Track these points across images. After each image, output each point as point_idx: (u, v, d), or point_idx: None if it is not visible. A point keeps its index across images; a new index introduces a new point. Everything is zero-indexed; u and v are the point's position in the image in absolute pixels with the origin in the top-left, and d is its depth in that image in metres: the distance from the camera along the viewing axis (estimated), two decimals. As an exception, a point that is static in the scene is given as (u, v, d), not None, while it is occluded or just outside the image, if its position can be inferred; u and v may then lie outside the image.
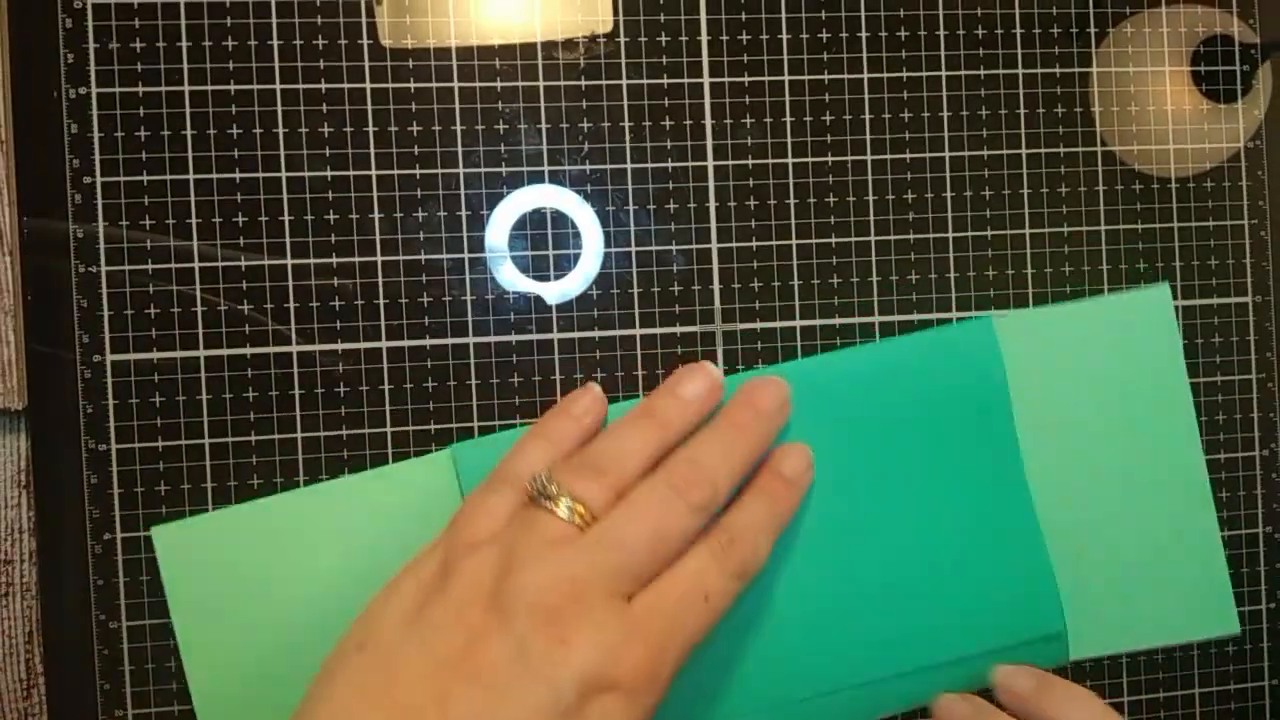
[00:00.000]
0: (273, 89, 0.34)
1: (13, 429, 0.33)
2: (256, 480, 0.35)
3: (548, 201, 0.36)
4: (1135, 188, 0.38)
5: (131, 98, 0.34)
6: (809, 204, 0.37)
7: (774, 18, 0.36)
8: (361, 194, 0.35)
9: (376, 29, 0.35)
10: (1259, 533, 0.39)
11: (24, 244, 0.34)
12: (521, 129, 0.35)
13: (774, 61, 0.36)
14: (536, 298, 0.36)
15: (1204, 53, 0.38)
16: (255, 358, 0.35)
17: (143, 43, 0.34)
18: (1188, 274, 0.38)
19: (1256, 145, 0.39)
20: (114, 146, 0.34)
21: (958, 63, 0.37)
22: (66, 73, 0.34)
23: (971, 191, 0.38)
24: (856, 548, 0.34)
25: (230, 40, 0.34)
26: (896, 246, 0.37)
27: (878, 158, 0.37)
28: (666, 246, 0.36)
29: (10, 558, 0.33)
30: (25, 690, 0.33)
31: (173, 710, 0.34)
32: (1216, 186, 0.39)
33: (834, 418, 0.34)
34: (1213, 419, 0.38)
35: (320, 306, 0.35)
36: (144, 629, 0.34)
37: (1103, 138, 0.38)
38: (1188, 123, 0.38)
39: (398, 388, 0.35)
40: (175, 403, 0.35)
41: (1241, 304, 0.39)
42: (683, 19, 0.36)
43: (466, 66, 0.35)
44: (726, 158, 0.37)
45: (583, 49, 0.36)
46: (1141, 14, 0.38)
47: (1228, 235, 0.39)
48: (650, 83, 0.36)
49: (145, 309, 0.34)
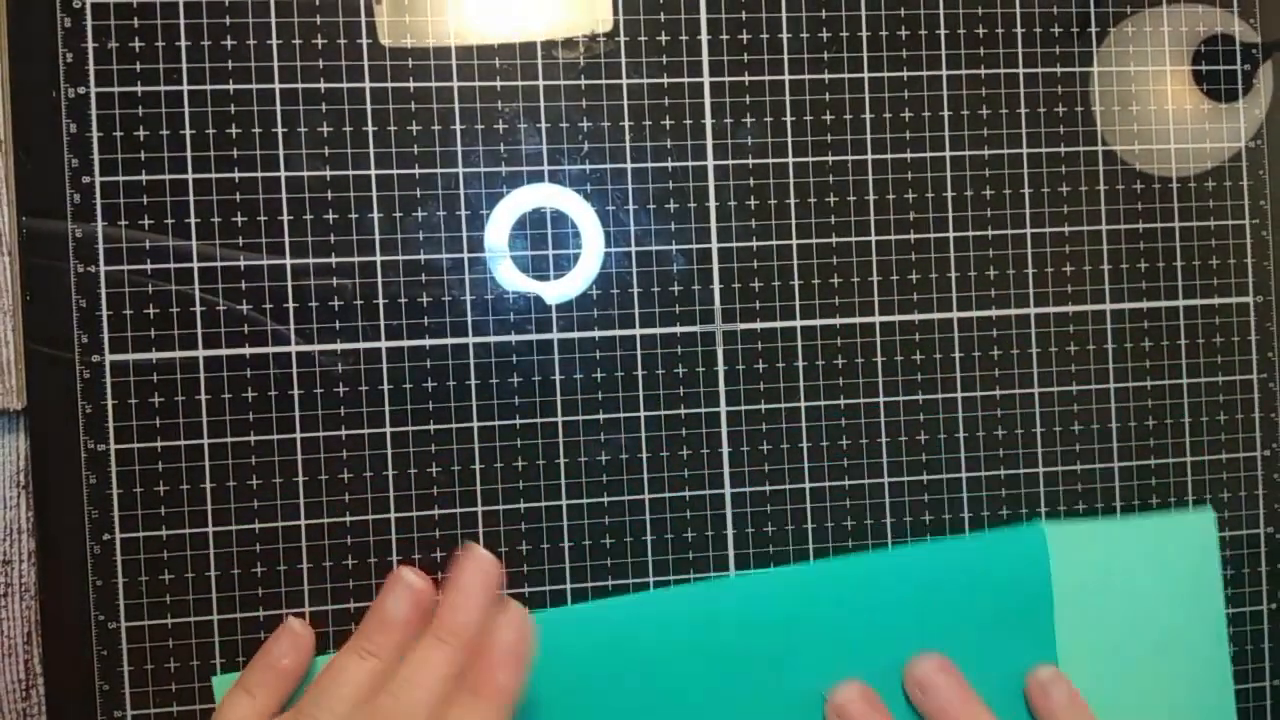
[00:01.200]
0: (272, 89, 0.34)
1: (12, 429, 0.33)
2: (256, 480, 0.35)
3: (548, 201, 0.36)
4: (1136, 187, 0.38)
5: (130, 97, 0.34)
6: (809, 204, 0.37)
7: (774, 17, 0.36)
8: (361, 194, 0.35)
9: (376, 28, 0.35)
10: (1259, 533, 0.39)
11: (23, 244, 0.34)
12: (521, 129, 0.35)
13: (774, 61, 0.36)
14: (536, 298, 0.36)
15: (1205, 52, 0.38)
16: (255, 358, 0.35)
17: (142, 42, 0.34)
18: (1188, 274, 0.38)
19: (1257, 145, 0.39)
20: (113, 146, 0.34)
21: (958, 62, 0.37)
22: (65, 72, 0.34)
23: (972, 191, 0.38)
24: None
25: (230, 40, 0.34)
26: (897, 246, 0.37)
27: (878, 158, 0.37)
28: (666, 246, 0.36)
29: (9, 558, 0.33)
30: (24, 691, 0.33)
31: (172, 711, 0.34)
32: (1217, 186, 0.39)
33: (878, 620, 0.35)
34: (1213, 419, 0.38)
35: (320, 306, 0.35)
36: (143, 629, 0.34)
37: (1103, 137, 0.38)
38: (1188, 122, 0.38)
39: (397, 388, 0.35)
40: (174, 403, 0.35)
41: (1242, 304, 0.39)
42: (683, 19, 0.36)
43: (466, 66, 0.35)
44: (726, 158, 0.37)
45: (583, 48, 0.36)
46: (1142, 13, 0.38)
47: (1228, 235, 0.39)
48: (650, 82, 0.36)
49: (144, 309, 0.34)
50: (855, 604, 0.35)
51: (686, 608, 0.35)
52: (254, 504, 0.35)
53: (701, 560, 0.36)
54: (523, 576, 0.35)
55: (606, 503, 0.36)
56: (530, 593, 0.35)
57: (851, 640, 0.35)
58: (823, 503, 0.37)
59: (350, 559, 0.35)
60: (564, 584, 0.36)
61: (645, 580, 0.36)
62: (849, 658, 0.35)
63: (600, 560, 0.36)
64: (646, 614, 0.35)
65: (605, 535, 0.36)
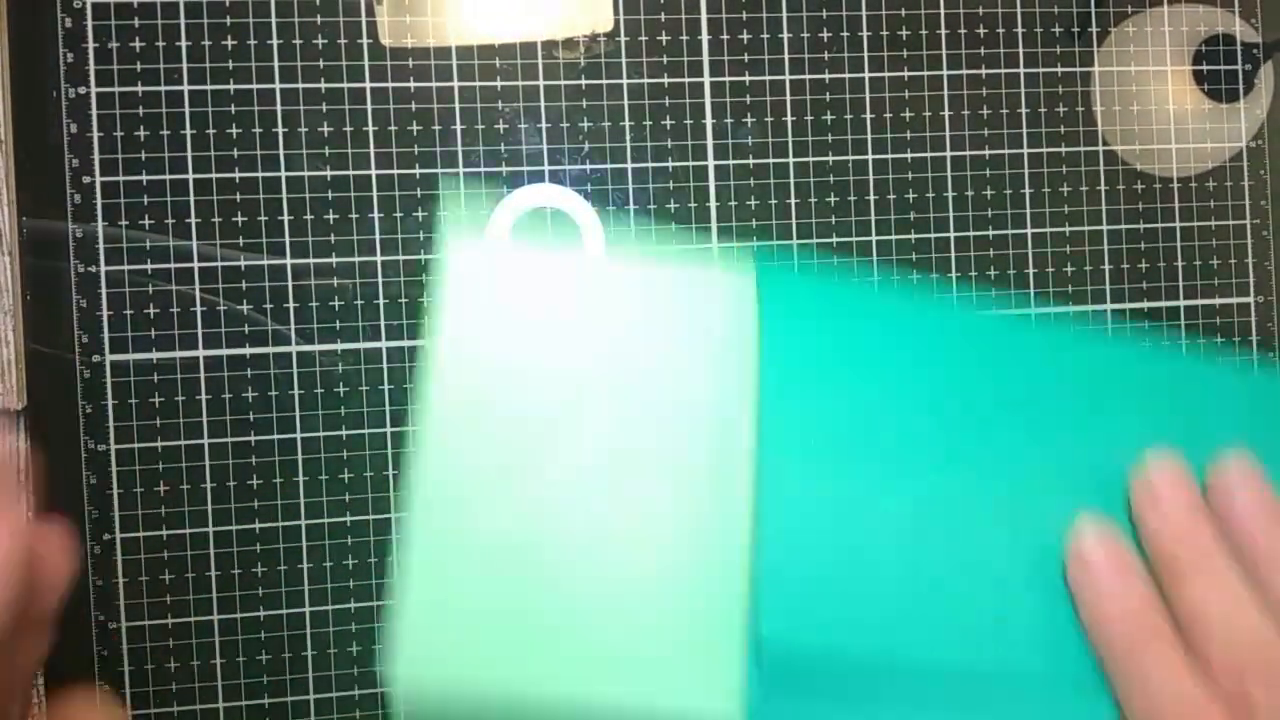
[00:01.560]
0: (272, 89, 0.34)
1: (12, 429, 0.33)
2: (256, 480, 0.35)
3: (548, 201, 0.36)
4: (1136, 187, 0.38)
5: (131, 97, 0.34)
6: (809, 204, 0.37)
7: (774, 17, 0.36)
8: (361, 194, 0.35)
9: (376, 28, 0.35)
10: (1260, 533, 0.39)
11: (23, 244, 0.34)
12: (521, 129, 0.35)
13: (774, 61, 0.36)
14: (536, 298, 0.36)
15: (1205, 52, 0.38)
16: (255, 358, 0.35)
17: (142, 42, 0.34)
18: (1188, 274, 0.38)
19: (1258, 145, 0.39)
20: (113, 146, 0.34)
21: (959, 62, 0.37)
22: (66, 72, 0.34)
23: (972, 191, 0.38)
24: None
25: (230, 40, 0.34)
26: (897, 246, 0.37)
27: (878, 157, 0.37)
28: (667, 246, 0.36)
29: (10, 558, 0.33)
30: (25, 691, 0.33)
31: (172, 711, 0.34)
32: (1218, 186, 0.38)
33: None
34: (1214, 419, 0.38)
35: (320, 306, 0.35)
36: (143, 629, 0.34)
37: (1104, 137, 0.38)
38: (1189, 122, 0.38)
39: (398, 388, 0.35)
40: (175, 402, 0.35)
41: (1242, 304, 0.39)
42: (683, 19, 0.36)
43: (466, 66, 0.35)
44: (727, 158, 0.37)
45: (583, 48, 0.36)
46: (1143, 13, 0.38)
47: (1229, 235, 0.39)
48: (650, 82, 0.36)
49: (145, 309, 0.34)
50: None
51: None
52: (254, 504, 0.35)
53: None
54: (523, 576, 0.35)
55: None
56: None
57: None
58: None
59: (350, 559, 0.35)
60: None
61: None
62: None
63: (600, 560, 0.36)
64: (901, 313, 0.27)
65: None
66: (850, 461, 0.25)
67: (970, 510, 0.25)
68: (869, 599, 0.24)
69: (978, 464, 0.26)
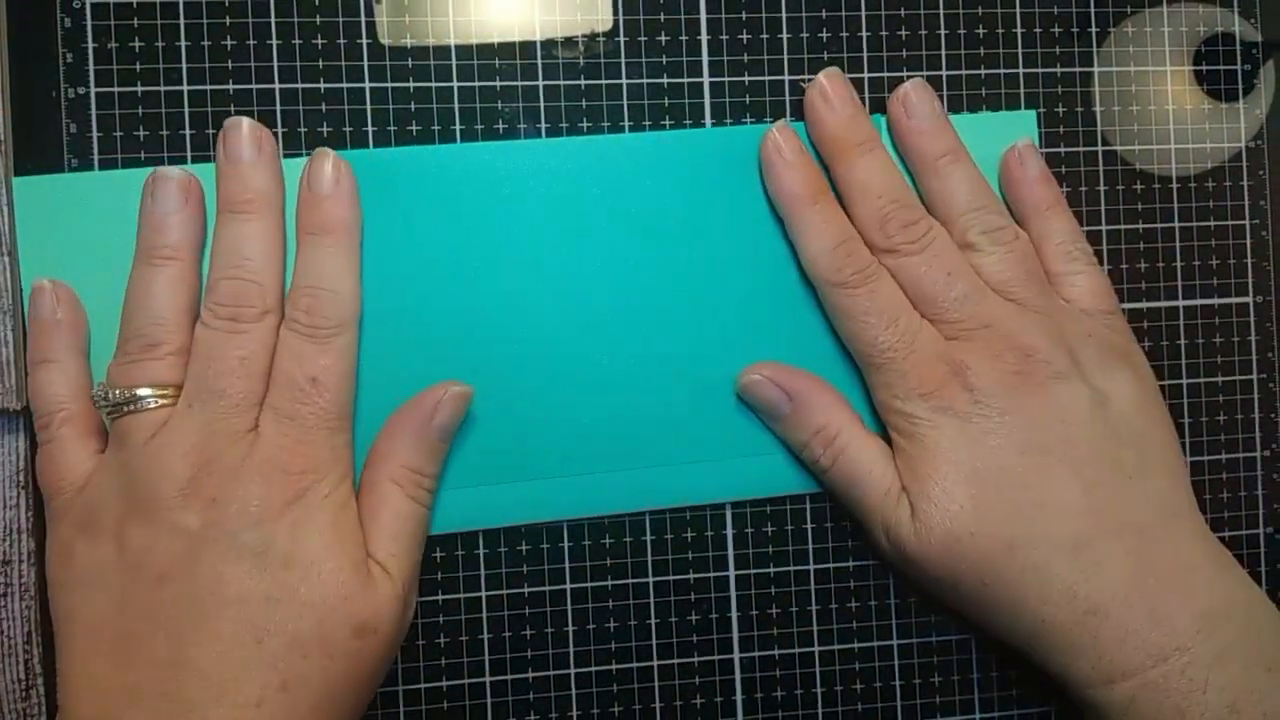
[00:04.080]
0: (272, 89, 0.34)
1: (11, 429, 0.33)
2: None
3: (547, 201, 0.36)
4: (1136, 187, 0.38)
5: (130, 97, 0.34)
6: (809, 204, 0.37)
7: (774, 17, 0.36)
8: (361, 194, 0.35)
9: (376, 28, 0.35)
10: (1259, 533, 0.39)
11: (23, 244, 0.34)
12: (521, 129, 0.35)
13: (774, 61, 0.36)
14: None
15: (1205, 52, 0.38)
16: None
17: (142, 42, 0.34)
18: (1188, 274, 0.38)
19: (1258, 145, 0.39)
20: (113, 146, 0.34)
21: (958, 62, 0.37)
22: (65, 72, 0.34)
23: (972, 191, 0.37)
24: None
25: (229, 40, 0.34)
26: (897, 246, 0.37)
27: (878, 157, 0.37)
28: (666, 246, 0.36)
29: (9, 558, 0.33)
30: (24, 691, 0.33)
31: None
32: (1218, 186, 0.38)
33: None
34: (1213, 419, 0.38)
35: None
36: None
37: (1104, 137, 0.38)
38: (1189, 122, 0.38)
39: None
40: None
41: (1242, 304, 0.39)
42: (683, 19, 0.36)
43: (466, 66, 0.35)
44: (726, 157, 0.36)
45: (582, 48, 0.36)
46: (1143, 13, 0.38)
47: (1229, 235, 0.39)
48: (650, 82, 0.36)
49: (144, 309, 0.34)
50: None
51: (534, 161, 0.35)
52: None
53: (701, 560, 0.36)
54: (522, 577, 0.35)
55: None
56: (530, 592, 0.35)
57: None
58: (822, 503, 0.37)
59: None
60: (564, 584, 0.36)
61: (645, 580, 0.36)
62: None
63: (600, 560, 0.36)
64: (483, 162, 0.34)
65: (605, 535, 0.36)
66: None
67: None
68: None
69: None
